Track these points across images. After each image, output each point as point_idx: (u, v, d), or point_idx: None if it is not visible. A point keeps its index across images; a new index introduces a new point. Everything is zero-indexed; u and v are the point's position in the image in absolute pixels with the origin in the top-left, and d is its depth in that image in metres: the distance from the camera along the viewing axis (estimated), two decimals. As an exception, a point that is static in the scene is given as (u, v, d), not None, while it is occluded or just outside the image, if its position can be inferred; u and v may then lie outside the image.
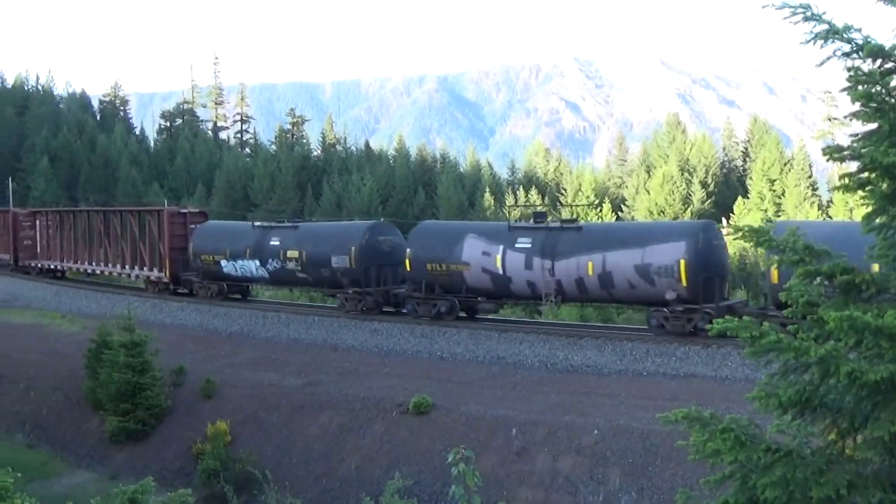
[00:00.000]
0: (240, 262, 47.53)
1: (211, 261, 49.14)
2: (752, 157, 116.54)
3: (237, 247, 47.71)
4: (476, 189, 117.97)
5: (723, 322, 8.85)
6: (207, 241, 49.81)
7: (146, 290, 54.45)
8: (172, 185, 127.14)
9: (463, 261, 38.30)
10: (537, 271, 36.09)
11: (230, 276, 48.79)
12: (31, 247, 69.04)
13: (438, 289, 39.59)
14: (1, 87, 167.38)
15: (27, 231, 69.12)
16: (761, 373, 10.58)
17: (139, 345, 34.35)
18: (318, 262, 43.79)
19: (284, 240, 45.72)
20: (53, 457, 35.24)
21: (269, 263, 45.89)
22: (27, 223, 69.36)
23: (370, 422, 30.07)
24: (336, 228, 49.11)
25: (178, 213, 54.89)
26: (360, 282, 42.09)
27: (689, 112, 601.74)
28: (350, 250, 42.36)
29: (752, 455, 8.67)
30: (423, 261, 39.53)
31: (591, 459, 24.96)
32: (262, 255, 46.33)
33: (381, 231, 44.07)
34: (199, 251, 49.80)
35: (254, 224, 49.75)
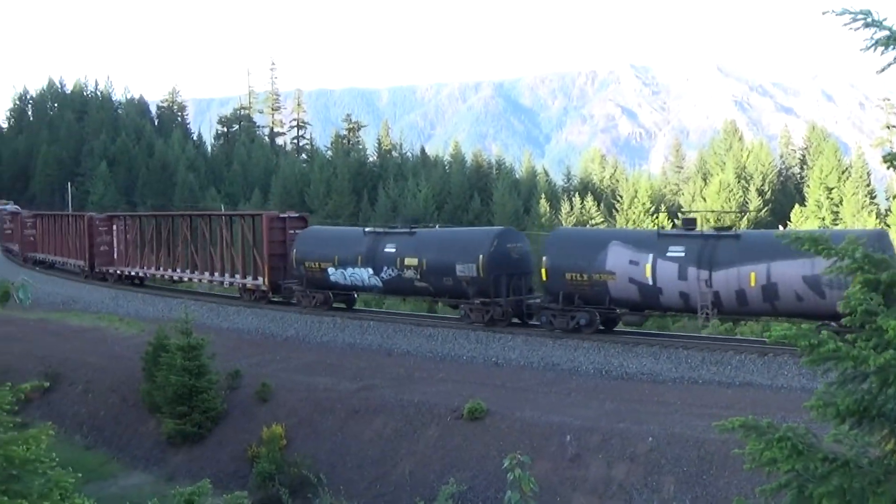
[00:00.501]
0: (350, 269, 44.98)
1: (316, 268, 46.52)
2: (810, 164, 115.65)
3: (347, 254, 45.12)
4: (531, 196, 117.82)
5: (781, 329, 8.80)
6: (312, 248, 47.28)
7: (241, 298, 52.59)
8: (229, 191, 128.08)
9: (607, 270, 35.85)
10: (692, 282, 33.79)
11: (338, 284, 46.19)
12: (107, 252, 67.47)
13: (578, 300, 37.10)
14: (61, 92, 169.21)
15: (103, 236, 67.49)
16: (818, 382, 10.51)
17: (196, 348, 34.57)
18: (440, 270, 41.17)
19: (401, 246, 43.13)
20: (110, 458, 35.54)
21: (384, 271, 43.27)
22: (103, 228, 67.65)
23: (424, 427, 30.10)
24: (460, 235, 45.97)
25: (277, 218, 52.36)
26: (488, 292, 39.63)
27: (746, 119, 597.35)
28: (477, 258, 39.68)
29: (809, 464, 8.62)
30: (562, 270, 37.18)
31: (646, 467, 24.86)
32: (375, 262, 43.71)
33: (509, 238, 41.50)
34: (303, 258, 47.13)
35: (365, 230, 46.83)
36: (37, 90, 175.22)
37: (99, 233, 67.46)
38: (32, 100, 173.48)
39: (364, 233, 46.02)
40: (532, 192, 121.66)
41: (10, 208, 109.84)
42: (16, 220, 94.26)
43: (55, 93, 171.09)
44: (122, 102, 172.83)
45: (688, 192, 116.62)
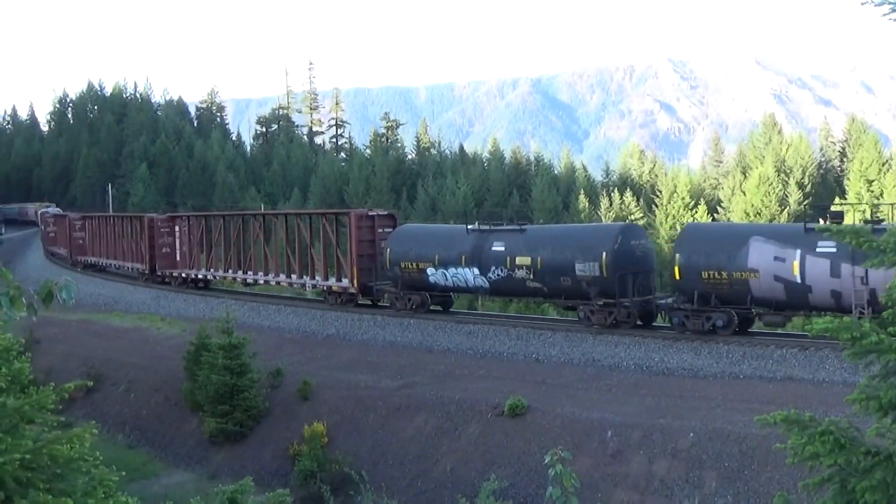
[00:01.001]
0: (452, 270, 42.24)
1: (413, 269, 43.84)
2: (850, 157, 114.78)
3: (449, 253, 42.44)
4: (570, 192, 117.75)
5: (823, 322, 8.75)
6: (409, 247, 44.53)
7: (324, 301, 49.87)
8: (268, 190, 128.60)
9: (750, 268, 33.35)
10: (846, 279, 31.41)
11: (437, 285, 43.59)
12: (169, 255, 64.99)
13: (714, 300, 34.66)
14: (100, 95, 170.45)
15: (165, 238, 65.02)
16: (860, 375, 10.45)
17: (237, 347, 34.72)
18: (556, 269, 38.42)
19: (511, 245, 40.35)
20: (153, 457, 35.77)
21: (492, 272, 40.50)
22: (165, 229, 65.20)
23: (465, 423, 30.11)
24: (578, 231, 43.85)
25: (366, 216, 49.08)
26: (611, 292, 36.88)
27: (785, 112, 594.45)
28: (600, 256, 36.98)
29: (852, 458, 8.58)
30: (697, 268, 34.68)
31: (687, 462, 24.77)
32: (482, 262, 41.02)
33: (633, 234, 39.30)
34: (399, 258, 44.38)
35: (468, 227, 43.63)
36: (77, 93, 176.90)
37: (160, 234, 65.18)
38: (72, 103, 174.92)
39: (467, 231, 43.28)
40: (571, 188, 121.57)
41: (52, 211, 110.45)
42: (62, 223, 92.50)
43: (95, 95, 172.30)
44: (161, 104, 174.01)
45: (727, 186, 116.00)
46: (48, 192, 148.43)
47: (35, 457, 8.96)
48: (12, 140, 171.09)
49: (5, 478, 8.74)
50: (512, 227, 42.54)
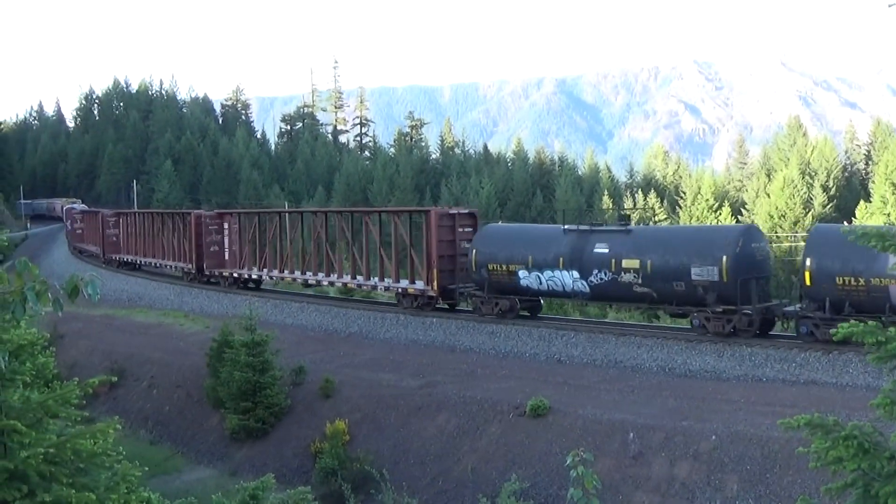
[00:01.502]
0: (548, 272, 39.27)
1: (503, 271, 40.82)
2: (875, 160, 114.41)
3: (544, 255, 39.50)
4: (594, 192, 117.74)
5: (847, 326, 8.72)
6: (498, 248, 41.47)
7: (399, 305, 46.40)
8: (293, 188, 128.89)
9: (890, 273, 30.66)
10: None
11: (529, 289, 40.51)
12: (218, 253, 61.64)
13: (849, 308, 31.78)
14: (126, 92, 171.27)
15: (213, 236, 61.56)
16: (884, 380, 10.39)
17: (260, 344, 34.81)
18: (668, 273, 35.77)
19: (616, 246, 37.52)
20: (175, 453, 35.94)
21: (594, 275, 37.67)
22: (213, 226, 61.77)
23: (487, 423, 30.10)
24: (692, 233, 40.40)
25: (446, 215, 45.75)
26: (732, 298, 34.31)
27: (811, 115, 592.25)
28: (720, 260, 34.36)
29: (876, 463, 8.54)
30: (831, 274, 32.08)
31: (709, 465, 24.69)
32: (582, 264, 38.07)
33: (754, 237, 36.54)
34: (486, 259, 41.33)
35: (565, 227, 40.67)
36: (103, 90, 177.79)
37: (208, 232, 61.71)
38: (98, 99, 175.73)
39: (564, 231, 40.24)
40: (595, 188, 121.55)
41: (78, 207, 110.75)
42: (92, 220, 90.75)
43: (121, 92, 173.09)
44: (186, 101, 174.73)
45: (751, 188, 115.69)
46: (73, 188, 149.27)
47: (59, 451, 9.00)
48: (38, 136, 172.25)
49: (29, 472, 8.79)
50: (615, 227, 39.71)
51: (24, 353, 10.52)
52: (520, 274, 40.47)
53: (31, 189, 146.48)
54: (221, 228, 61.92)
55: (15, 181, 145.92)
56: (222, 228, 61.87)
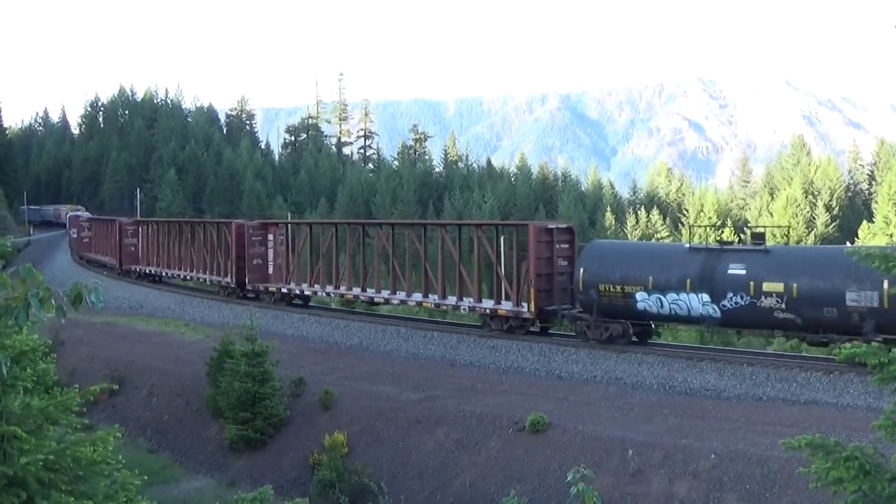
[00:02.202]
0: (671, 295, 35.79)
1: (617, 293, 37.25)
2: (878, 180, 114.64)
3: (667, 275, 36.03)
4: (597, 208, 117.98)
5: (850, 347, 8.71)
6: (611, 267, 37.72)
7: (483, 327, 42.75)
8: (296, 199, 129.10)
9: None
10: None
11: (647, 313, 36.93)
12: (261, 267, 57.09)
13: None
14: (131, 100, 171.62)
15: (256, 248, 56.89)
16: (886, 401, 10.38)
17: (260, 355, 34.77)
18: (818, 299, 32.44)
19: (755, 268, 34.16)
20: (173, 462, 35.89)
21: (728, 299, 34.46)
22: (256, 238, 57.00)
23: (486, 438, 30.06)
24: (843, 255, 33.67)
25: (545, 230, 41.51)
26: (893, 327, 31.20)
27: (815, 134, 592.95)
28: (880, 285, 31.05)
29: (877, 485, 8.53)
30: None
31: (708, 484, 24.65)
32: (714, 287, 34.75)
33: None
34: (596, 279, 37.65)
35: (689, 245, 37.59)
36: (108, 97, 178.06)
37: (251, 244, 56.77)
38: (104, 107, 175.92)
39: (689, 249, 36.96)
40: (598, 204, 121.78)
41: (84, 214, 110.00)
42: (105, 228, 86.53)
43: (126, 100, 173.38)
44: (191, 110, 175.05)
45: (754, 206, 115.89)
46: (77, 195, 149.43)
47: (58, 458, 9.00)
48: (43, 142, 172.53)
49: (28, 478, 8.78)
50: (751, 246, 35.99)
51: (26, 360, 10.51)
52: (637, 296, 36.77)
53: (35, 195, 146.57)
54: (265, 240, 57.58)
55: (19, 187, 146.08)
56: (266, 240, 57.56)
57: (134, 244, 77.53)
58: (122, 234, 77.65)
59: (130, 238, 77.81)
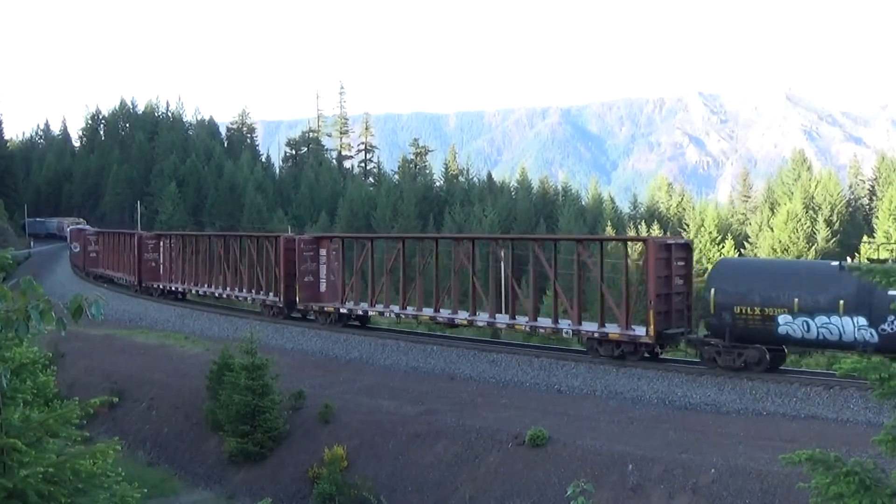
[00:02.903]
0: (821, 318, 32.59)
1: (755, 315, 34.01)
2: (879, 195, 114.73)
3: (816, 296, 32.76)
4: (597, 223, 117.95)
5: (851, 362, 8.71)
6: (749, 287, 34.51)
7: (589, 352, 38.81)
8: (296, 213, 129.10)
9: None
10: None
11: (789, 338, 33.73)
12: (312, 285, 51.98)
13: None
14: (132, 113, 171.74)
15: (308, 264, 51.89)
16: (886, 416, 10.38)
17: (260, 368, 34.78)
18: None
19: None
20: (172, 475, 35.86)
21: (888, 322, 31.41)
22: (308, 253, 52.02)
23: (486, 453, 30.04)
24: None
25: (663, 245, 38.23)
26: None
27: (815, 149, 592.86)
28: None
29: (877, 500, 8.52)
30: None
31: (708, 499, 24.63)
32: (872, 310, 31.46)
33: None
34: (733, 301, 34.40)
35: (841, 264, 33.82)
36: (109, 110, 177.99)
37: (302, 259, 51.61)
38: (104, 119, 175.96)
39: (840, 267, 33.20)
40: (598, 219, 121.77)
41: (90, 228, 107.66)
42: (120, 243, 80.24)
43: (127, 113, 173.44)
44: (192, 123, 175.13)
45: (755, 221, 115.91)
46: (77, 208, 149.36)
47: (58, 471, 8.99)
48: (44, 154, 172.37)
49: (28, 491, 8.77)
50: None
51: (26, 372, 10.52)
52: (779, 319, 33.59)
53: (35, 208, 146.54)
54: (317, 255, 52.37)
55: (20, 199, 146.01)
56: (318, 255, 52.35)
57: (154, 259, 71.78)
58: (141, 249, 71.59)
59: (151, 253, 71.77)
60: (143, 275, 71.47)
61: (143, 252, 71.67)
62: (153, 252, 72.14)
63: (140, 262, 71.68)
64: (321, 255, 52.25)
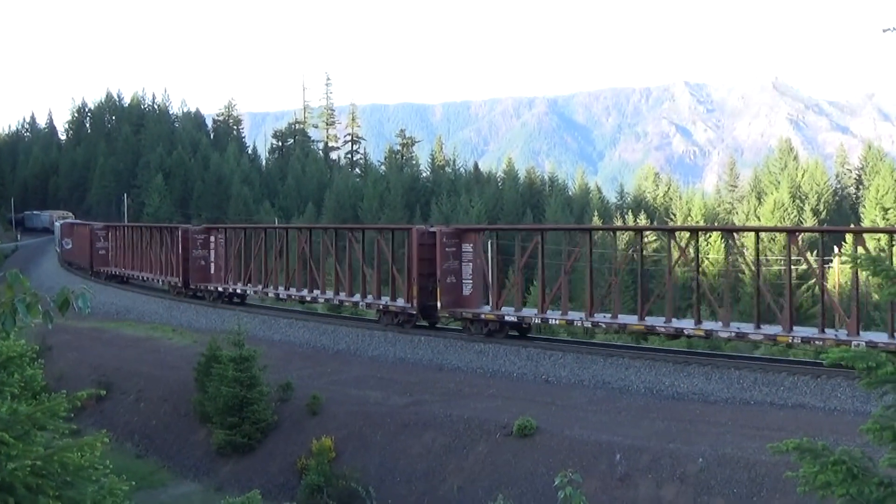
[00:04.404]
0: None
1: None
2: (866, 184, 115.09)
3: None
4: (584, 212, 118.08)
5: (839, 351, 8.71)
6: None
7: None
8: (283, 204, 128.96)
9: None
10: None
11: None
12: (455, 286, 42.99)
13: None
14: (118, 105, 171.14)
15: (451, 262, 43.22)
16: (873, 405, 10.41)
17: (248, 360, 34.76)
18: None
19: None
20: (161, 467, 35.84)
21: None
22: (450, 248, 43.04)
23: (473, 443, 30.06)
24: None
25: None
26: None
27: (802, 138, 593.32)
28: None
29: (864, 489, 8.53)
30: None
31: (696, 488, 24.68)
32: None
33: None
34: None
35: None
36: (95, 102, 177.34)
37: (445, 256, 42.70)
38: (90, 112, 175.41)
39: None
40: (585, 209, 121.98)
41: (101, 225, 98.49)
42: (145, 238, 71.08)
43: (113, 105, 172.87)
44: (178, 116, 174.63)
45: (742, 210, 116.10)
46: (64, 200, 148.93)
47: (46, 464, 8.96)
48: (30, 147, 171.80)
49: (15, 484, 8.74)
50: None
51: (13, 365, 10.48)
52: None
53: (22, 201, 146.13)
54: (459, 252, 43.56)
55: (6, 193, 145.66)
56: (461, 252, 43.60)
57: (204, 257, 60.99)
58: (188, 245, 60.96)
59: (200, 249, 61.08)
60: (191, 275, 61.10)
61: (191, 248, 61.11)
62: (202, 248, 61.65)
63: (187, 260, 61.06)
64: (464, 251, 43.76)
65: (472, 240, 43.95)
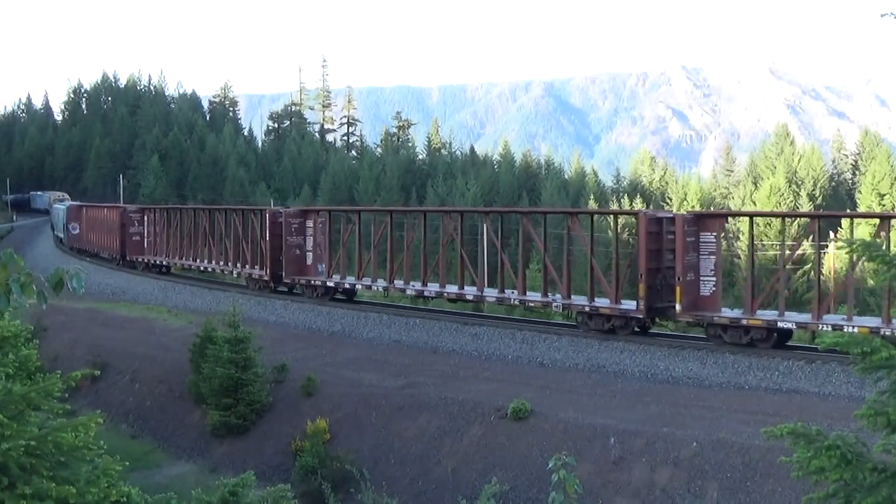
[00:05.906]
0: None
1: None
2: (862, 170, 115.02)
3: None
4: (580, 196, 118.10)
5: (834, 336, 8.71)
6: None
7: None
8: (279, 186, 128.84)
9: None
10: None
11: None
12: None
13: None
14: (114, 86, 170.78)
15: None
16: (867, 390, 10.42)
17: (243, 341, 34.73)
18: None
19: None
20: (155, 448, 35.84)
21: None
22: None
23: (468, 425, 30.08)
24: None
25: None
26: None
27: (798, 123, 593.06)
28: None
29: (858, 474, 8.54)
30: None
31: (689, 472, 24.72)
32: None
33: None
34: None
35: None
36: (91, 84, 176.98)
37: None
38: (87, 93, 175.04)
39: None
40: (581, 192, 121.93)
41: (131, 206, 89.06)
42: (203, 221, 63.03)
43: (109, 87, 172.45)
44: (174, 97, 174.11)
45: (738, 195, 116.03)
46: (60, 181, 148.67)
47: (40, 444, 8.97)
48: (26, 128, 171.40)
49: (9, 464, 8.75)
50: None
51: (8, 345, 10.49)
52: None
53: (17, 182, 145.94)
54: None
55: (2, 174, 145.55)
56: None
57: (299, 245, 51.27)
58: (279, 230, 51.44)
59: (295, 236, 51.10)
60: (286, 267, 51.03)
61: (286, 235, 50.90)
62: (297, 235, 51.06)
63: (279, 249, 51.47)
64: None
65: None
